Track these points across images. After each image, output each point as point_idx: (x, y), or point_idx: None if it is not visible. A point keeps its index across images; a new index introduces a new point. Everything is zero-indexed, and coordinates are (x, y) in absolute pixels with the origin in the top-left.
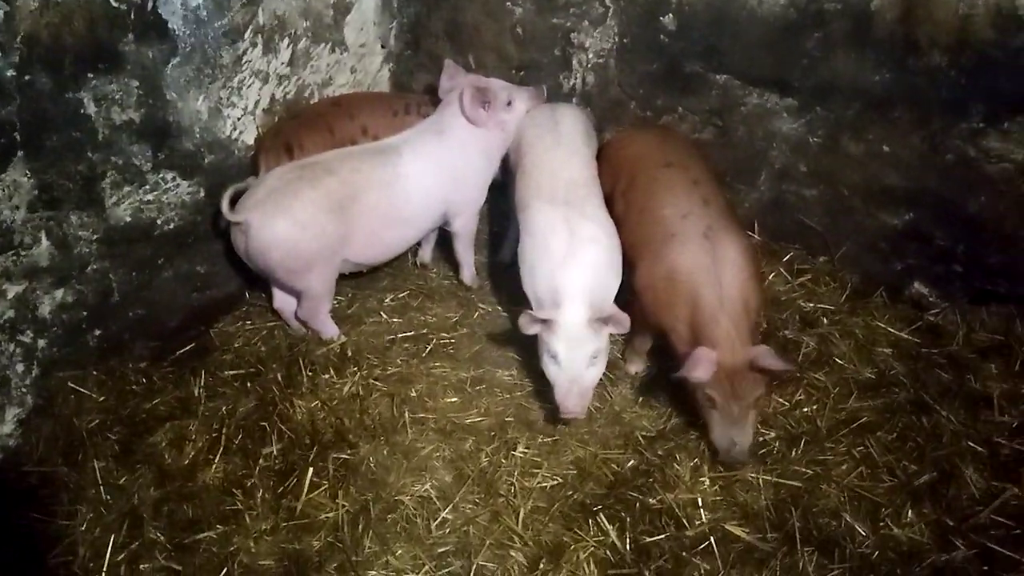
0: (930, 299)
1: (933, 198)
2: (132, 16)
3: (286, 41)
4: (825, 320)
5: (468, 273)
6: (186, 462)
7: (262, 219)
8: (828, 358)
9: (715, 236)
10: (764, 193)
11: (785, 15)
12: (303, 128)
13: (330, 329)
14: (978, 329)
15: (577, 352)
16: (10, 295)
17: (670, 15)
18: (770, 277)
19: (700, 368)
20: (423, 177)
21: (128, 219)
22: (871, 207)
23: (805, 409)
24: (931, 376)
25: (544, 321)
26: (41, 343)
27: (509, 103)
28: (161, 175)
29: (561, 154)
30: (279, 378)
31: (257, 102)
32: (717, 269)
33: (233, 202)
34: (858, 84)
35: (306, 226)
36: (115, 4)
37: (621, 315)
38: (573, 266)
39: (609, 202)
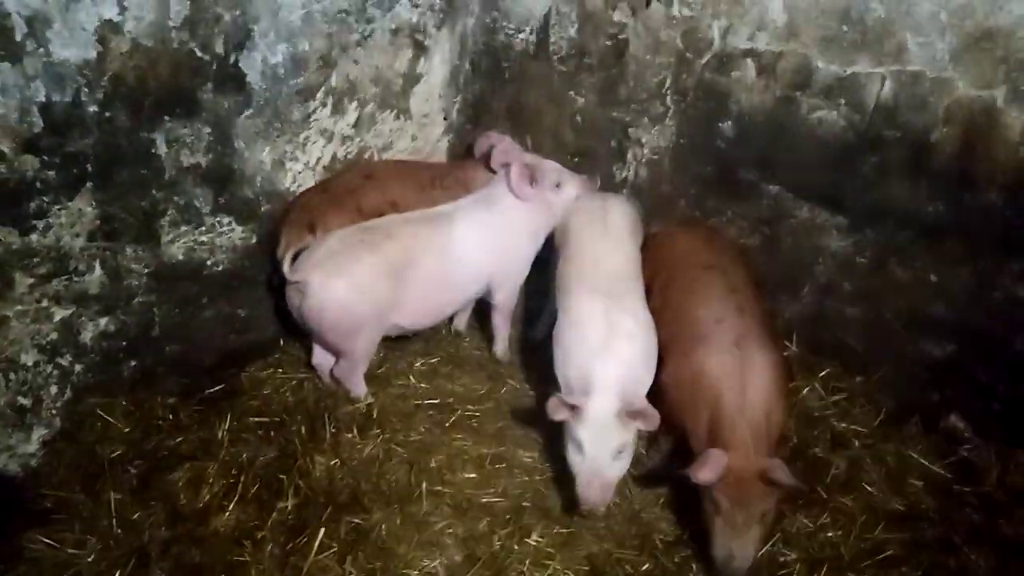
0: (965, 434)
1: (977, 333)
2: (214, 67)
3: (354, 104)
4: (857, 443)
5: (501, 347)
6: (200, 505)
7: (322, 280)
8: (857, 483)
9: (746, 346)
10: (806, 306)
11: (843, 136)
12: (330, 207)
13: (360, 388)
14: (1013, 471)
15: (602, 444)
16: (56, 318)
17: (729, 123)
18: (804, 392)
19: (708, 468)
20: (473, 245)
21: (180, 257)
22: (913, 334)
23: (830, 534)
24: (961, 515)
25: (572, 408)
26: (78, 367)
27: (558, 185)
28: (218, 218)
29: (607, 245)
30: (302, 431)
31: (319, 159)
32: (743, 378)
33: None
34: (911, 211)
35: (364, 290)
36: (200, 54)
37: (651, 410)
38: (608, 358)
39: (648, 294)
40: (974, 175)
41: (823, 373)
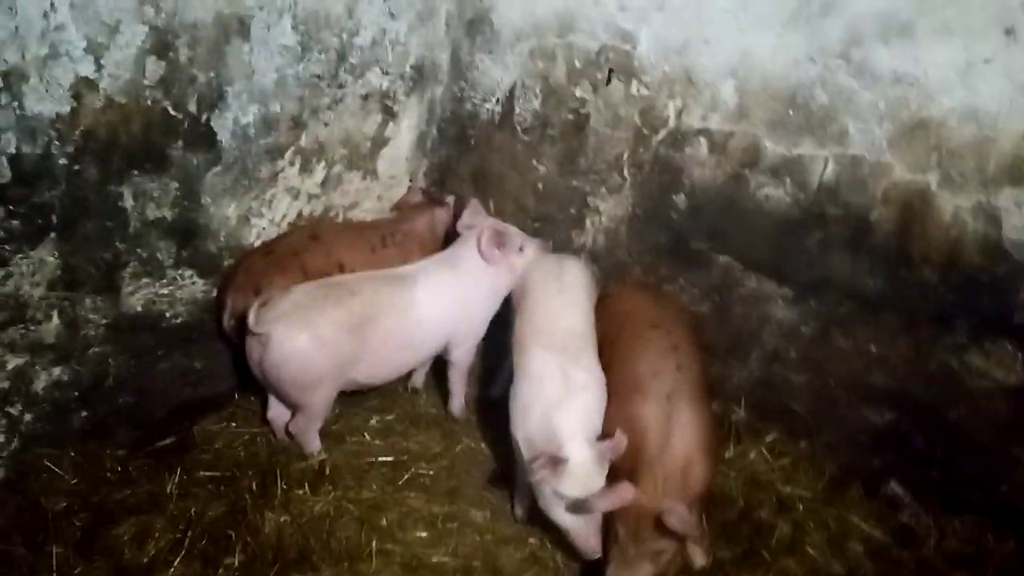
0: (905, 500)
1: (915, 402)
2: (186, 125)
3: (322, 164)
4: (801, 506)
5: (457, 404)
6: (145, 560)
7: (285, 332)
8: (801, 546)
9: (677, 400)
10: (753, 372)
11: (789, 212)
12: (274, 269)
13: (314, 444)
14: (950, 537)
15: (592, 490)
16: (9, 366)
17: (683, 195)
18: (751, 456)
19: (609, 497)
20: (435, 306)
21: (139, 309)
22: (855, 401)
23: None
24: None
25: (555, 464)
26: (27, 417)
27: (521, 248)
28: (180, 271)
29: (562, 303)
30: (253, 487)
31: (284, 215)
32: (668, 429)
33: None
34: (852, 284)
35: (326, 343)
36: (173, 113)
37: (618, 437)
38: (568, 409)
39: (600, 352)
40: (910, 253)
41: (769, 438)
